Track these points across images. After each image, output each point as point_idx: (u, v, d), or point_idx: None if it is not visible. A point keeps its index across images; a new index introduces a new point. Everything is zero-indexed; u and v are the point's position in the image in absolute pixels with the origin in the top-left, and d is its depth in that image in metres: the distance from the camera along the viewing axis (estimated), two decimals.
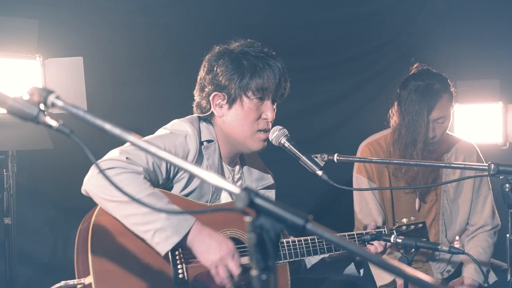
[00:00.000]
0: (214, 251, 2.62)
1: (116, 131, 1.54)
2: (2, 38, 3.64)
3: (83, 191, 2.65)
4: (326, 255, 3.00)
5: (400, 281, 3.63)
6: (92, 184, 2.59)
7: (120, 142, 1.67)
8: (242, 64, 2.84)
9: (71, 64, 3.85)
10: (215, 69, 2.87)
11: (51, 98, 1.62)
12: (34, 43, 3.76)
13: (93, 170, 2.60)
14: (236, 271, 2.65)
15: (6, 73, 3.65)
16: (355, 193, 3.87)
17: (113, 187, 2.47)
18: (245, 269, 2.86)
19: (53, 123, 1.61)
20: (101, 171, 1.62)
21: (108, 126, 1.54)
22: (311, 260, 3.06)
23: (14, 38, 3.68)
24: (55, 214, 4.39)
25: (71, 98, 3.61)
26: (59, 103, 1.62)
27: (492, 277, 3.80)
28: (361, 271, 3.16)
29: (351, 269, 3.16)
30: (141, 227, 2.56)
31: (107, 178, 1.65)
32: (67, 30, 4.25)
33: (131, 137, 1.53)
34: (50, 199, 4.38)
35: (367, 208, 3.78)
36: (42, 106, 1.62)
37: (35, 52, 3.76)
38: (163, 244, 2.55)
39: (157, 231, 2.54)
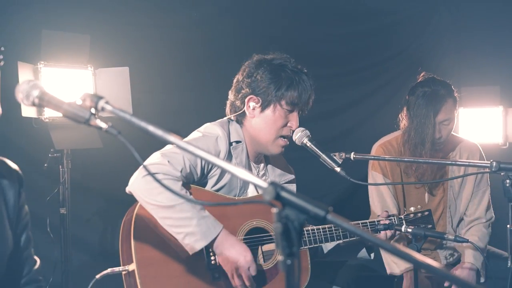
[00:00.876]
0: (232, 260, 2.64)
1: (159, 132, 1.54)
2: (59, 51, 3.68)
3: (127, 191, 2.67)
4: (341, 241, 3.00)
5: (409, 275, 3.60)
6: (136, 186, 2.62)
7: (161, 142, 1.67)
8: (280, 75, 2.84)
9: (118, 73, 3.88)
10: (255, 74, 2.87)
11: (101, 103, 1.63)
12: (86, 55, 3.80)
13: (138, 173, 2.63)
14: (247, 282, 2.67)
15: (62, 81, 3.69)
16: (372, 189, 3.84)
17: (154, 192, 2.54)
18: (268, 255, 2.87)
19: (103, 125, 1.61)
20: (151, 175, 1.63)
21: (151, 128, 1.55)
22: (327, 246, 3.05)
23: (69, 51, 3.72)
24: (104, 205, 4.44)
25: (118, 103, 3.63)
26: (108, 107, 1.62)
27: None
28: (372, 254, 3.16)
29: (363, 253, 3.15)
30: (175, 229, 2.60)
31: (158, 181, 1.67)
32: (115, 43, 4.29)
33: (172, 138, 1.53)
34: (100, 192, 4.42)
35: (384, 202, 3.76)
36: (93, 110, 1.63)
37: (87, 63, 3.80)
38: (191, 246, 2.58)
39: (187, 235, 2.57)
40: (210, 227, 2.60)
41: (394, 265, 3.66)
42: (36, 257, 2.35)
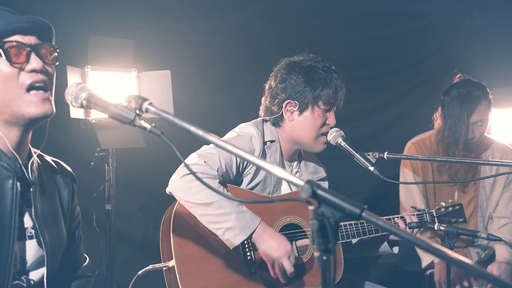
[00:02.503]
0: (273, 250, 2.63)
1: (199, 132, 1.54)
2: (105, 56, 3.73)
3: (167, 191, 2.69)
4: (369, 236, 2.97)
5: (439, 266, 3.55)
6: (175, 186, 2.63)
7: (200, 142, 1.67)
8: (313, 77, 2.82)
9: (161, 76, 3.91)
10: (288, 79, 2.85)
11: (145, 105, 1.64)
12: (130, 59, 3.84)
13: (176, 174, 2.65)
14: (289, 270, 2.66)
15: (107, 84, 3.74)
16: (402, 185, 3.82)
17: (192, 191, 2.55)
18: (302, 250, 2.86)
19: (147, 125, 1.62)
20: (192, 172, 1.64)
21: (192, 128, 1.55)
22: (352, 240, 3.02)
23: (115, 55, 3.77)
24: (147, 202, 4.48)
25: (160, 104, 3.65)
26: (152, 108, 1.63)
27: None
28: (394, 248, 3.11)
29: (385, 247, 3.11)
30: (214, 225, 2.60)
31: (198, 178, 1.66)
32: (157, 48, 4.34)
33: (211, 137, 1.54)
34: (143, 189, 4.47)
35: (412, 198, 3.73)
36: (137, 111, 1.64)
37: (131, 66, 3.84)
38: (231, 240, 2.58)
39: (227, 230, 2.57)
40: (248, 221, 2.60)
41: (425, 256, 3.63)
42: (85, 255, 2.40)
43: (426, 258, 3.67)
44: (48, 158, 2.25)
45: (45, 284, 2.03)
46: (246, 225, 2.59)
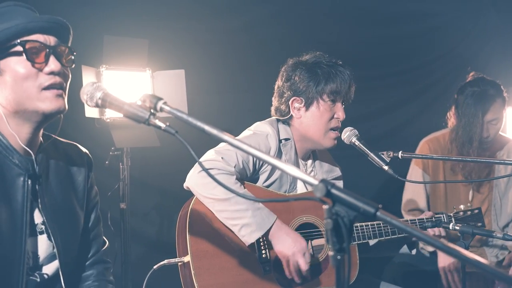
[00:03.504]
0: (288, 248, 2.63)
1: (214, 131, 1.54)
2: (120, 55, 3.74)
3: (185, 186, 2.70)
4: (383, 238, 2.95)
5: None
6: (193, 181, 2.65)
7: (214, 141, 1.67)
8: (316, 72, 2.82)
9: (175, 76, 3.92)
10: (292, 77, 2.86)
11: (160, 104, 1.64)
12: (144, 59, 3.85)
13: (194, 170, 2.67)
14: (304, 267, 2.65)
15: (122, 83, 3.75)
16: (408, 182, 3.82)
17: (210, 186, 2.56)
18: (317, 250, 2.85)
19: (161, 124, 1.62)
20: (205, 170, 1.63)
21: (207, 127, 1.55)
22: (369, 242, 3.01)
23: (129, 55, 3.78)
24: (161, 201, 4.50)
25: (174, 104, 3.66)
26: (167, 108, 1.63)
27: None
28: (413, 251, 3.10)
29: (404, 249, 3.10)
30: (231, 221, 2.60)
31: (212, 176, 1.66)
32: (171, 47, 4.34)
33: (226, 136, 1.53)
34: (157, 188, 4.48)
35: (416, 196, 3.74)
36: (152, 111, 1.64)
37: (145, 66, 3.85)
38: (248, 237, 2.59)
39: (243, 226, 2.57)
40: (264, 217, 2.60)
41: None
42: (105, 238, 2.40)
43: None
44: (64, 142, 2.25)
45: (61, 276, 2.05)
46: (262, 222, 2.59)
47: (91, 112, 3.56)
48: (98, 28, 3.91)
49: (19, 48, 1.89)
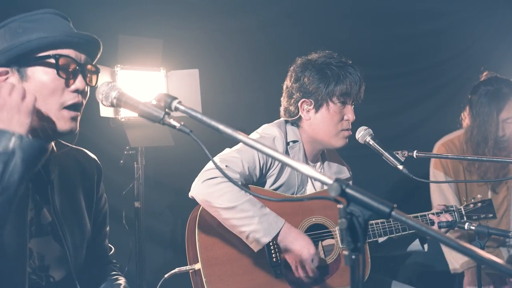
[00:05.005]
0: (296, 253, 2.62)
1: (228, 130, 1.54)
2: (135, 55, 3.75)
3: (190, 196, 2.68)
4: (394, 235, 2.93)
5: (470, 272, 3.49)
6: (197, 191, 2.62)
7: (228, 140, 1.67)
8: (326, 73, 2.79)
9: (189, 75, 3.92)
10: (302, 78, 2.84)
11: (174, 103, 1.64)
12: (159, 59, 3.86)
13: (198, 179, 2.64)
14: (311, 273, 2.64)
15: (136, 83, 3.76)
16: (433, 186, 3.76)
17: (214, 196, 2.53)
18: (328, 250, 2.84)
19: (176, 124, 1.63)
20: (218, 168, 1.63)
21: (221, 127, 1.55)
22: (378, 239, 2.98)
23: (144, 54, 3.79)
24: (176, 199, 4.51)
25: (189, 103, 3.67)
26: (181, 107, 1.64)
27: None
28: (425, 246, 3.06)
29: (415, 245, 3.06)
30: (238, 229, 2.58)
31: (224, 173, 1.66)
32: (185, 47, 4.35)
33: (240, 136, 1.54)
34: (171, 187, 4.49)
35: (445, 199, 3.67)
36: (167, 110, 1.65)
37: (160, 65, 3.86)
38: (256, 243, 2.57)
39: (251, 233, 2.55)
40: (272, 223, 2.58)
41: (454, 261, 3.56)
42: (110, 245, 2.42)
43: (453, 263, 3.61)
44: (73, 148, 2.24)
45: (75, 279, 2.05)
46: (269, 228, 2.57)
47: (106, 111, 3.58)
48: (113, 28, 3.93)
49: (51, 61, 1.87)
